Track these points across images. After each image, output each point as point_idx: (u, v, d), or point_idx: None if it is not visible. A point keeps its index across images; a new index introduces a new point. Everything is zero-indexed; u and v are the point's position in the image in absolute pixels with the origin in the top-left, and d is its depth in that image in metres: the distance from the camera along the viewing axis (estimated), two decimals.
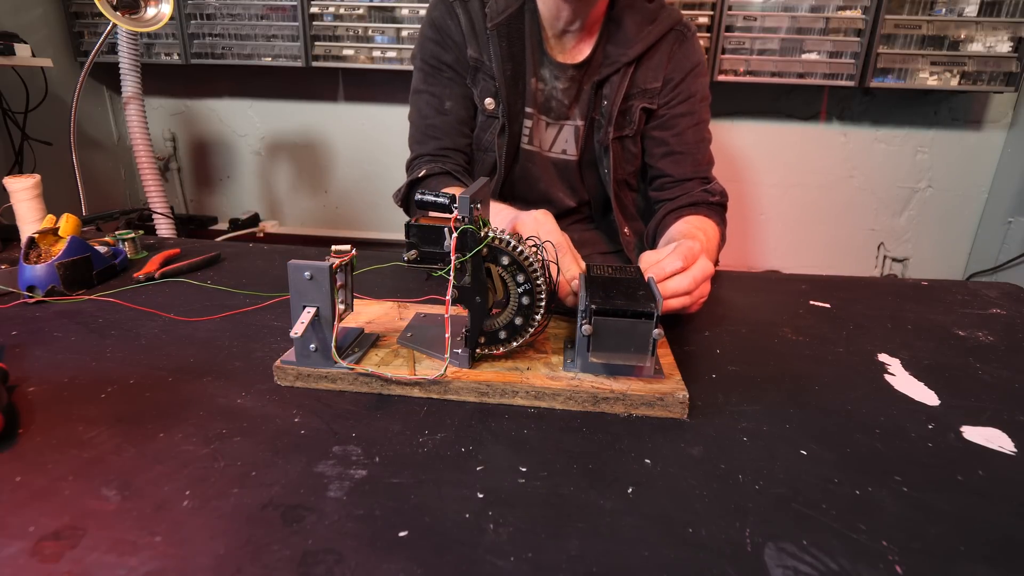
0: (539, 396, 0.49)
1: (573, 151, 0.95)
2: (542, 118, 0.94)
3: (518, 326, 0.52)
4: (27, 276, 0.69)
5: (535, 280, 0.50)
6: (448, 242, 0.49)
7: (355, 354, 0.54)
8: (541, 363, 0.53)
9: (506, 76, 0.88)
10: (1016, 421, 0.49)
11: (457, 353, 0.52)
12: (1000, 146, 2.07)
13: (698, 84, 0.91)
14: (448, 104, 0.91)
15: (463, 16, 0.88)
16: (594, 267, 0.56)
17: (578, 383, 0.50)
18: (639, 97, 0.90)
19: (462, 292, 0.51)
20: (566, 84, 0.91)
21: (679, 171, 0.92)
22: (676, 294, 0.58)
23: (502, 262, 0.50)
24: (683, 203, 0.88)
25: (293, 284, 0.49)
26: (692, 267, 0.59)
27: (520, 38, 0.88)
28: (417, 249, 0.51)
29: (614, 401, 0.49)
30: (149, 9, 1.46)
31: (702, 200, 0.87)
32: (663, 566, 0.33)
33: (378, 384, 0.51)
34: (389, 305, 0.66)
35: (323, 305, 0.49)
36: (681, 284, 0.58)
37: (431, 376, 0.50)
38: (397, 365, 0.53)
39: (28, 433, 0.44)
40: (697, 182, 0.91)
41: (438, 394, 0.50)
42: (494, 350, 0.53)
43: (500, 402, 0.50)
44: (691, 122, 0.91)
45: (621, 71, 0.88)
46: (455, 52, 0.90)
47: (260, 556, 0.33)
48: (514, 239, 0.50)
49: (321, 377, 0.51)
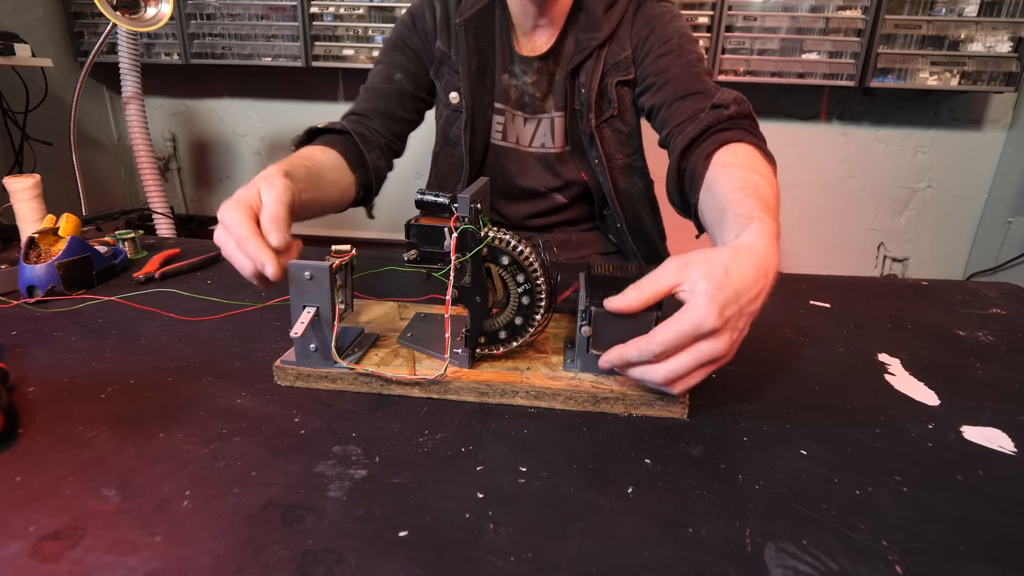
0: (539, 396, 0.49)
1: (553, 144, 0.94)
2: (517, 114, 0.93)
3: (518, 326, 0.52)
4: (27, 276, 0.69)
5: (535, 280, 0.50)
6: (448, 242, 0.49)
7: (355, 354, 0.54)
8: (541, 363, 0.53)
9: (471, 71, 0.88)
10: (1016, 421, 0.49)
11: (457, 353, 0.52)
12: (1000, 146, 2.07)
13: (671, 29, 0.85)
14: (397, 75, 0.91)
15: (439, 8, 0.89)
16: (595, 267, 0.55)
17: (578, 383, 0.49)
18: (612, 73, 0.87)
19: (462, 292, 0.51)
20: (534, 77, 0.90)
21: (666, 95, 0.80)
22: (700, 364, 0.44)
23: (502, 262, 0.50)
24: (694, 134, 0.68)
25: (293, 284, 0.49)
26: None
27: (489, 33, 0.88)
28: (417, 249, 0.51)
29: (614, 401, 0.49)
30: (149, 9, 1.46)
31: (716, 120, 0.67)
32: (663, 566, 0.33)
33: (378, 384, 0.51)
34: (389, 305, 0.66)
35: (323, 305, 0.49)
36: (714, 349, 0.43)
37: (431, 376, 0.50)
38: (397, 365, 0.53)
39: (28, 433, 0.44)
40: (695, 99, 0.77)
41: (438, 394, 0.50)
42: (494, 350, 0.53)
43: (500, 402, 0.50)
44: (672, 58, 0.83)
45: (594, 55, 0.86)
46: (422, 40, 0.91)
47: (260, 556, 0.33)
48: (514, 239, 0.50)
49: (321, 377, 0.51)
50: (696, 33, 1.85)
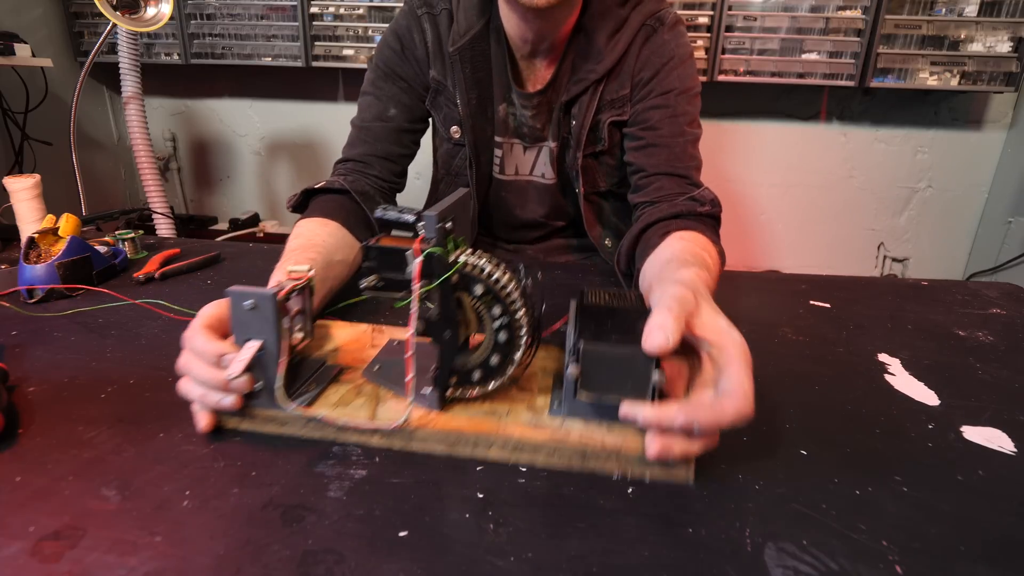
0: (518, 449, 0.42)
1: (551, 174, 0.89)
2: (515, 142, 0.88)
3: (494, 366, 0.44)
4: (27, 276, 0.69)
5: (514, 313, 0.43)
6: (411, 268, 0.41)
7: (310, 392, 0.47)
8: (524, 406, 0.45)
9: (471, 105, 0.82)
10: (1016, 421, 0.49)
11: (425, 394, 0.45)
12: (1000, 146, 2.07)
13: (673, 78, 0.79)
14: (392, 111, 0.84)
15: (430, 31, 0.81)
16: (588, 294, 0.47)
17: (564, 435, 0.42)
18: (607, 110, 0.81)
19: (429, 326, 0.43)
20: (533, 112, 0.84)
21: (652, 163, 0.78)
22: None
23: (475, 292, 0.42)
24: (665, 213, 0.70)
25: (234, 315, 0.42)
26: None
27: (486, 62, 0.81)
28: (377, 274, 0.44)
29: (605, 458, 0.41)
30: (149, 9, 1.46)
31: (688, 210, 0.71)
32: (663, 566, 0.33)
33: (332, 431, 0.44)
34: (363, 328, 0.58)
35: (268, 339, 0.42)
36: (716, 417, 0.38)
37: (391, 426, 0.43)
38: (358, 406, 0.46)
39: (28, 433, 0.44)
40: (677, 181, 0.76)
41: (400, 444, 0.43)
42: (468, 392, 0.46)
43: (473, 455, 0.43)
44: (666, 114, 0.78)
45: (590, 90, 0.80)
46: (414, 68, 0.83)
47: (260, 556, 0.33)
48: (489, 264, 0.42)
49: (268, 420, 0.45)
50: (696, 33, 1.85)
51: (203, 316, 0.45)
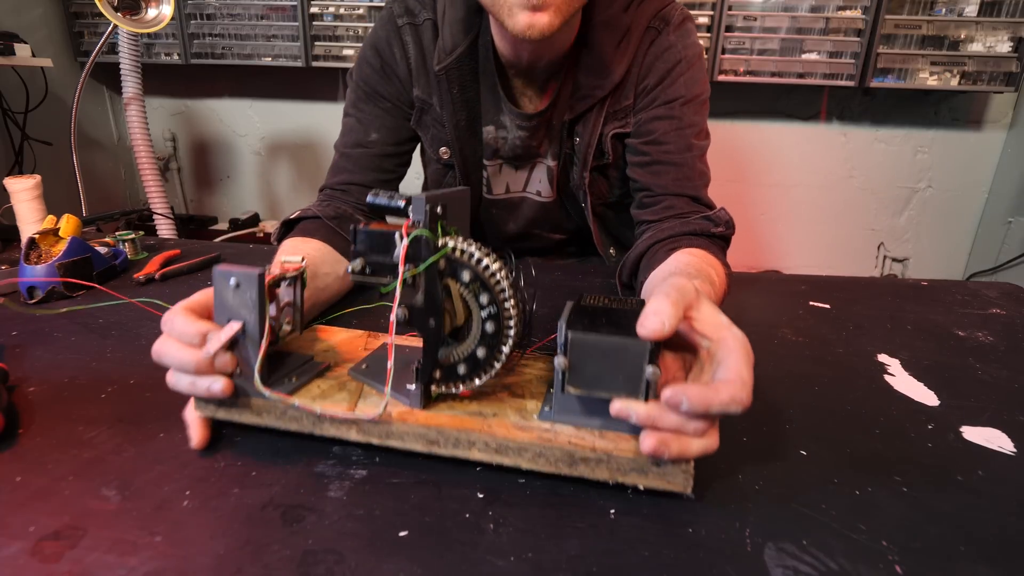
0: (500, 450, 0.39)
1: (549, 192, 0.85)
2: (503, 164, 0.83)
3: (480, 360, 0.42)
4: (27, 276, 0.69)
5: (502, 303, 0.40)
6: (398, 251, 0.40)
7: (291, 383, 0.44)
8: (512, 408, 0.43)
9: (459, 128, 0.77)
10: (1016, 421, 0.49)
11: (408, 390, 0.42)
12: (1000, 146, 2.07)
13: (679, 85, 0.74)
14: (373, 136, 0.79)
15: (412, 45, 0.76)
16: (587, 296, 0.45)
17: (552, 436, 0.39)
18: (610, 121, 0.76)
19: (413, 313, 0.41)
20: (529, 133, 0.78)
21: (659, 183, 0.74)
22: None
23: (463, 278, 0.40)
24: (676, 231, 0.68)
25: (218, 295, 0.41)
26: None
27: (474, 81, 0.75)
28: (364, 258, 0.42)
29: (595, 463, 0.38)
30: (150, 10, 1.47)
31: (702, 230, 0.68)
32: (663, 566, 0.33)
33: (309, 422, 0.42)
34: (357, 333, 0.55)
35: (249, 320, 0.41)
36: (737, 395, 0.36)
37: (367, 417, 0.41)
38: (338, 400, 0.43)
39: (28, 433, 0.44)
40: (686, 201, 0.73)
41: (379, 438, 0.41)
42: (453, 388, 0.43)
43: (454, 454, 0.40)
44: (672, 126, 0.74)
45: (596, 108, 0.75)
46: (396, 86, 0.78)
47: (260, 556, 0.33)
48: (479, 251, 0.40)
49: (244, 407, 0.43)
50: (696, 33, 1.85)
51: (185, 301, 0.44)
